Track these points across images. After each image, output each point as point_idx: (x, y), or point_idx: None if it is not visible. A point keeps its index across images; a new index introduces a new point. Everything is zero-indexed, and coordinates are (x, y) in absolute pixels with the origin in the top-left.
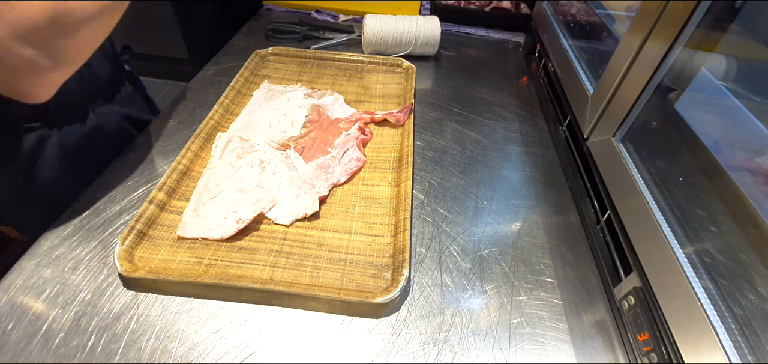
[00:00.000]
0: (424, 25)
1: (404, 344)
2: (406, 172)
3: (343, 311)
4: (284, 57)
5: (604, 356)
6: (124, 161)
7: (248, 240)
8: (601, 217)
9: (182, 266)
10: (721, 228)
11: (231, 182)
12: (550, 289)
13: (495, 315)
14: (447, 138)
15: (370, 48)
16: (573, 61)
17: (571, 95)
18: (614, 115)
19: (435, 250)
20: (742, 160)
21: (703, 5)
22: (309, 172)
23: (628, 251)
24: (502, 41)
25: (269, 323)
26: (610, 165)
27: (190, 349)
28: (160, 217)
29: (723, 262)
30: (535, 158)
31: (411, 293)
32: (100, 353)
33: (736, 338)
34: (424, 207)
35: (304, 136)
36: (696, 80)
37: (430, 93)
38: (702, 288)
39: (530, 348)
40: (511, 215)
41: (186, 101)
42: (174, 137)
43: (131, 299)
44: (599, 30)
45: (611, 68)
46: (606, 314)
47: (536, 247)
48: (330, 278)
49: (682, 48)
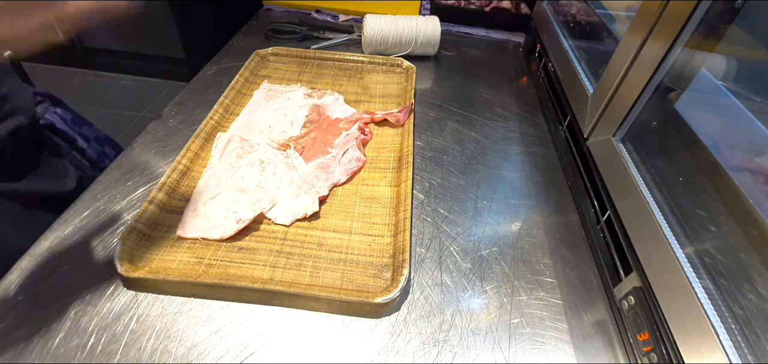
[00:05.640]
0: (424, 25)
1: (404, 344)
2: (406, 172)
3: (343, 311)
4: (284, 57)
5: (604, 356)
6: (124, 161)
7: (248, 240)
8: (601, 217)
9: (182, 266)
10: (721, 228)
11: (231, 182)
12: (550, 289)
13: (495, 315)
14: (447, 138)
15: (370, 48)
16: (573, 61)
17: (571, 95)
18: (614, 115)
19: (435, 250)
20: (742, 160)
21: (703, 5)
22: (309, 172)
23: (628, 251)
24: (502, 41)
25: (269, 323)
26: (610, 165)
27: (190, 349)
28: (160, 217)
29: (723, 262)
30: (535, 158)
31: (411, 293)
32: (100, 353)
33: (736, 338)
34: (424, 207)
35: (304, 136)
36: (696, 80)
37: (430, 93)
38: (702, 288)
39: (530, 348)
40: (511, 215)
41: (186, 101)
42: (174, 137)
43: (131, 299)
44: (599, 30)
45: (611, 68)
46: (606, 314)
47: (536, 247)
48: (330, 278)
49: (682, 48)
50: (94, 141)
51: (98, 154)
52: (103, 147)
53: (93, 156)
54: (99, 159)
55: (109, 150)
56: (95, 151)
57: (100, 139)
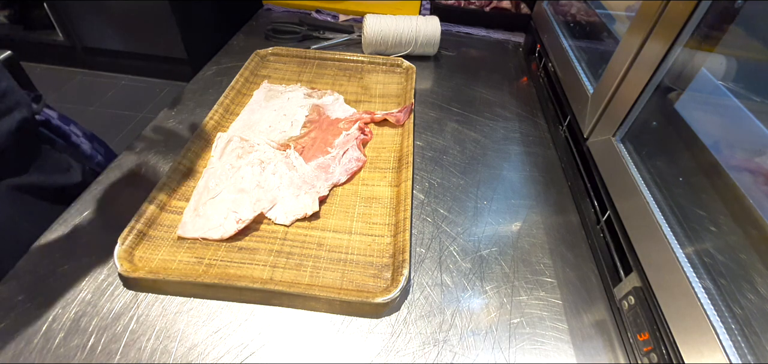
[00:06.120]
0: (424, 25)
1: (404, 344)
2: (406, 172)
3: (343, 311)
4: (284, 57)
5: (604, 356)
6: (124, 161)
7: (248, 240)
8: (601, 217)
9: (182, 266)
10: (721, 228)
11: (231, 182)
12: (550, 289)
13: (495, 315)
14: (447, 138)
15: (370, 48)
16: (573, 61)
17: (571, 95)
18: (614, 115)
19: (435, 250)
20: (742, 160)
21: (703, 5)
22: (309, 172)
23: (628, 251)
24: (502, 41)
25: (269, 323)
26: (610, 165)
27: (190, 349)
28: (160, 217)
29: (723, 262)
30: (535, 158)
31: (411, 293)
32: (100, 353)
33: (736, 338)
34: (424, 207)
35: (304, 136)
36: (696, 80)
37: (430, 93)
38: (702, 288)
39: (530, 348)
40: (511, 215)
41: (186, 101)
42: (174, 137)
43: (131, 299)
44: (599, 30)
45: (611, 68)
46: (606, 314)
47: (536, 247)
48: (330, 278)
49: (682, 48)
50: (83, 137)
51: (90, 150)
52: (92, 143)
53: (86, 151)
54: (92, 154)
55: (97, 146)
56: (87, 146)
57: (87, 135)
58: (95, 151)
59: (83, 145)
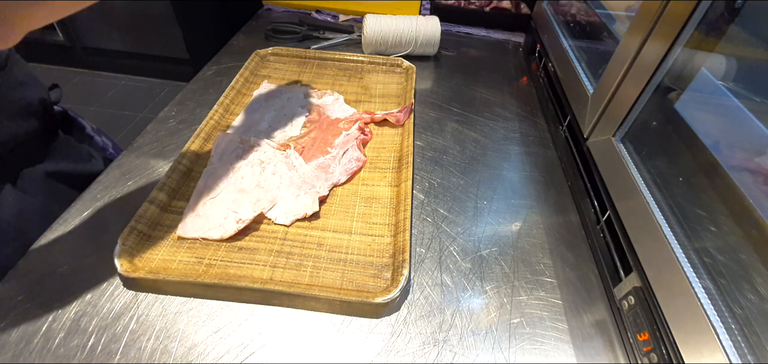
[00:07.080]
0: (424, 25)
1: (404, 344)
2: (406, 172)
3: (343, 311)
4: (284, 57)
5: (604, 356)
6: (124, 161)
7: (248, 240)
8: (601, 217)
9: (182, 266)
10: (721, 228)
11: (231, 182)
12: (550, 289)
13: (495, 315)
14: (447, 138)
15: (370, 48)
16: (573, 61)
17: (571, 95)
18: (614, 115)
19: (435, 250)
20: (742, 160)
21: (703, 5)
22: (309, 172)
23: (628, 251)
24: (502, 41)
25: (269, 323)
26: (610, 165)
27: (190, 349)
28: (160, 217)
29: (723, 262)
30: (535, 158)
31: (411, 293)
32: (100, 353)
33: (736, 338)
34: (424, 207)
35: (304, 136)
36: (696, 80)
37: (430, 93)
38: (702, 288)
39: (530, 348)
40: (511, 215)
41: (186, 101)
42: (174, 137)
43: (131, 299)
44: (599, 30)
45: (611, 68)
46: (606, 314)
47: (536, 247)
48: (330, 278)
49: (682, 48)
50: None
51: (102, 142)
52: (101, 136)
53: (99, 143)
54: (104, 146)
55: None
56: (98, 139)
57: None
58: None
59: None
